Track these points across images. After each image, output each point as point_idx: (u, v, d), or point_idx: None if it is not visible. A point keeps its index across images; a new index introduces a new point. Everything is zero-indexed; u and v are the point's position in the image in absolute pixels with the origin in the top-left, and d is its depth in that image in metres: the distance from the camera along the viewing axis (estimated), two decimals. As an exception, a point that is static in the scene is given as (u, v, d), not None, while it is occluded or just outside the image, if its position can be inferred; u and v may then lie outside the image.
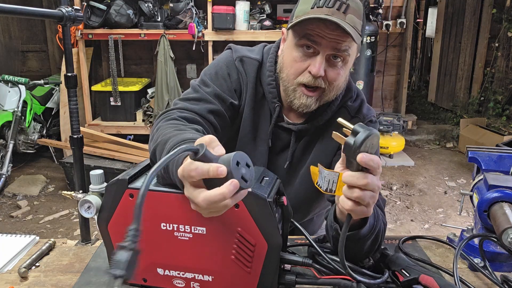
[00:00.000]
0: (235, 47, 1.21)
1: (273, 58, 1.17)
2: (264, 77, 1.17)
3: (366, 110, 1.19)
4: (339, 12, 0.97)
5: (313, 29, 0.99)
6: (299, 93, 1.06)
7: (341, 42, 0.99)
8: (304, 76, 1.04)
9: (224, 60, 1.19)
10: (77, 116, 1.51)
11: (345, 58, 1.03)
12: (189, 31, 4.12)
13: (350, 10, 0.98)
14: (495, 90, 5.37)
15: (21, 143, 4.15)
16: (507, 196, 0.99)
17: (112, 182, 0.86)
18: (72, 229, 3.23)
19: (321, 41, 1.00)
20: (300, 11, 1.02)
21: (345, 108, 1.17)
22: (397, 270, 0.91)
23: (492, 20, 5.35)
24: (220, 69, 1.17)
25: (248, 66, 1.17)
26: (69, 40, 1.41)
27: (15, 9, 1.17)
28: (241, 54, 1.18)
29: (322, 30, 0.98)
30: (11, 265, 1.03)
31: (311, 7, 0.99)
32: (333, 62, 1.03)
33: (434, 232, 3.23)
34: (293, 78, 1.06)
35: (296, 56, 1.04)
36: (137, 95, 4.56)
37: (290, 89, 1.08)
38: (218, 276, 0.85)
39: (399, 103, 5.38)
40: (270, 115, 1.18)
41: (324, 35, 0.99)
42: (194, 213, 0.82)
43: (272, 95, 1.15)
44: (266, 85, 1.16)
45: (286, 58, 1.08)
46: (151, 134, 0.99)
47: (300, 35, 1.02)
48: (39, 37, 5.40)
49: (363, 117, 1.17)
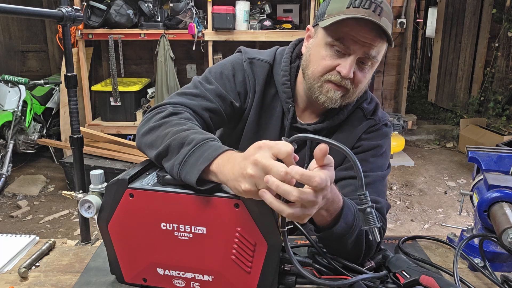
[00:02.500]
0: (245, 50, 1.20)
1: (288, 58, 1.16)
2: (277, 77, 1.15)
3: (381, 113, 1.19)
4: (374, 14, 0.96)
5: (348, 32, 0.98)
6: (327, 88, 1.05)
7: (372, 47, 0.99)
8: (332, 74, 1.03)
9: (232, 61, 1.18)
10: (77, 116, 1.51)
11: (374, 63, 1.04)
12: (189, 31, 4.12)
13: (384, 13, 0.98)
14: (495, 90, 5.37)
15: (21, 143, 4.15)
16: (507, 196, 0.99)
17: (112, 182, 0.86)
18: (72, 229, 3.23)
19: (354, 45, 0.99)
20: (334, 9, 1.00)
21: (361, 110, 1.17)
22: (398, 272, 0.91)
23: (492, 20, 5.35)
24: (226, 69, 1.16)
25: (257, 68, 1.16)
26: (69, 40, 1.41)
27: (15, 9, 1.17)
28: (250, 56, 1.17)
29: (357, 33, 0.97)
30: (11, 265, 1.03)
31: (346, 7, 0.98)
32: (362, 66, 1.03)
33: (434, 232, 3.23)
34: (319, 75, 1.05)
35: (325, 54, 1.03)
36: (137, 95, 4.56)
37: (316, 86, 1.06)
38: (218, 276, 0.85)
39: (399, 103, 5.38)
40: (282, 115, 1.17)
41: (358, 39, 0.98)
42: (194, 213, 0.82)
43: (286, 95, 1.14)
44: (280, 85, 1.15)
45: (313, 55, 1.06)
46: (144, 127, 0.98)
47: (333, 35, 1.00)
48: (39, 37, 5.40)
49: (378, 119, 1.17)
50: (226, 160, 0.79)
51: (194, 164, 0.82)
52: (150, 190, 0.84)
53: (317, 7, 4.18)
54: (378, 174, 1.11)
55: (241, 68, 1.16)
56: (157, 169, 0.92)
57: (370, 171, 1.10)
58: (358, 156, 1.13)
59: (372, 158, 1.13)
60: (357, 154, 1.13)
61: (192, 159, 0.83)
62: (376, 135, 1.16)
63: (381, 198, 1.08)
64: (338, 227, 0.88)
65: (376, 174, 1.11)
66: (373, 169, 1.11)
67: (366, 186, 1.08)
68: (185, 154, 0.84)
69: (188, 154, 0.84)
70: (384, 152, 1.15)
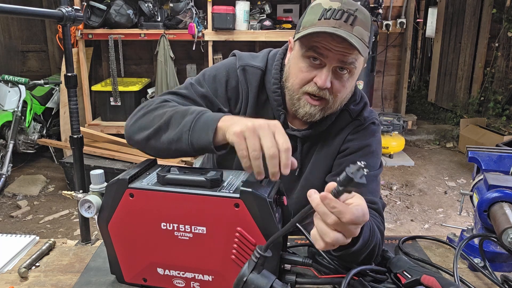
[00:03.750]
0: (240, 54, 1.20)
1: (278, 65, 1.16)
2: (268, 84, 1.16)
3: (368, 113, 1.18)
4: (346, 24, 0.97)
5: (320, 41, 0.98)
6: (304, 102, 1.06)
7: (347, 55, 0.99)
8: (309, 86, 1.04)
9: (226, 66, 1.18)
10: (77, 116, 1.51)
11: (352, 71, 1.03)
12: (189, 31, 4.12)
13: (357, 22, 0.98)
14: (495, 90, 5.37)
15: (21, 143, 4.15)
16: (507, 196, 0.99)
17: (113, 182, 0.86)
18: (72, 229, 3.23)
19: (328, 54, 0.99)
20: (308, 21, 1.01)
21: (347, 111, 1.16)
22: (399, 272, 0.91)
23: (492, 20, 5.35)
24: (220, 74, 1.16)
25: (250, 75, 1.16)
26: (69, 40, 1.41)
27: (15, 9, 1.17)
28: (244, 63, 1.17)
29: (329, 42, 0.98)
30: (11, 265, 1.03)
31: (318, 19, 0.99)
32: (340, 74, 1.03)
33: (434, 232, 3.24)
34: (298, 87, 1.06)
35: (302, 66, 1.04)
36: (137, 95, 4.56)
37: (295, 97, 1.07)
38: (218, 276, 0.85)
39: (399, 103, 5.38)
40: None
41: (331, 48, 0.98)
42: (194, 213, 0.82)
43: (277, 102, 1.15)
44: (271, 93, 1.15)
45: (292, 68, 1.08)
46: (135, 115, 1.02)
47: (306, 47, 1.01)
48: (39, 37, 5.40)
49: (364, 119, 1.17)
50: (233, 118, 0.86)
51: (203, 126, 0.86)
52: (150, 190, 0.84)
53: (317, 7, 4.17)
54: (370, 174, 1.09)
55: (234, 74, 1.16)
56: (157, 169, 0.92)
57: None
58: (347, 159, 1.13)
59: (362, 159, 1.11)
60: (345, 157, 1.14)
61: (200, 123, 0.87)
62: (363, 134, 1.15)
63: (376, 198, 1.08)
64: (357, 246, 0.86)
65: (368, 175, 1.09)
66: None
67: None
68: (192, 121, 0.88)
69: (195, 120, 0.88)
70: (374, 151, 1.15)
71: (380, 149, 1.19)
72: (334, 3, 0.99)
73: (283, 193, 0.88)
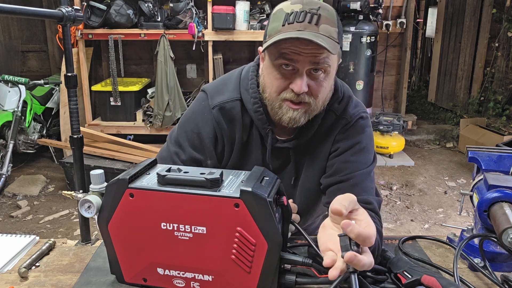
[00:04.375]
0: (210, 91, 1.16)
1: (254, 83, 1.12)
2: (249, 105, 1.12)
3: (353, 108, 1.15)
4: (311, 25, 0.95)
5: (288, 47, 0.96)
6: (286, 108, 1.03)
7: (318, 55, 0.96)
8: (287, 92, 1.02)
9: (196, 112, 1.16)
10: (77, 116, 1.51)
11: (326, 70, 1.00)
12: (189, 31, 4.12)
13: (322, 20, 0.96)
14: (495, 90, 5.37)
15: (21, 143, 4.15)
16: (507, 196, 0.99)
17: (113, 182, 0.86)
18: (72, 229, 3.23)
19: (298, 58, 0.97)
20: (272, 29, 0.99)
21: (332, 111, 1.13)
22: (399, 272, 0.91)
23: (492, 20, 5.35)
24: (192, 127, 1.14)
25: (229, 112, 1.13)
26: (69, 40, 1.42)
27: (15, 9, 1.17)
28: (218, 102, 1.13)
29: (297, 47, 0.95)
30: (11, 265, 1.03)
31: (282, 25, 0.97)
32: (315, 76, 1.00)
33: (434, 232, 3.24)
34: (276, 95, 1.03)
35: (275, 75, 1.01)
36: (137, 95, 4.56)
37: (276, 106, 1.05)
38: (218, 276, 0.85)
39: (399, 103, 5.38)
40: (260, 139, 1.15)
41: (299, 52, 0.96)
42: (194, 213, 0.82)
43: (261, 122, 1.12)
44: (253, 113, 1.12)
45: (266, 78, 1.05)
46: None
47: (276, 55, 0.99)
48: (39, 37, 5.40)
49: (350, 117, 1.14)
50: None
51: None
52: (150, 190, 0.84)
53: (317, 7, 4.17)
54: (362, 172, 1.10)
55: (207, 118, 1.14)
56: (157, 169, 0.92)
57: (354, 171, 1.09)
58: (338, 159, 1.12)
59: (353, 157, 1.11)
60: (336, 157, 1.12)
61: None
62: (351, 132, 1.13)
63: (371, 197, 1.07)
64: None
65: (361, 172, 1.09)
66: (357, 167, 1.09)
67: (353, 187, 1.08)
68: None
69: None
70: (365, 147, 1.13)
71: (372, 144, 1.16)
72: (295, 5, 0.97)
73: (283, 193, 0.88)
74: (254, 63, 1.17)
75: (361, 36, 4.49)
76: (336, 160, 1.12)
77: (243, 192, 0.79)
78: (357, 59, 4.57)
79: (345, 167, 1.10)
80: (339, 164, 1.11)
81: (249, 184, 0.81)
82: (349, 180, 1.08)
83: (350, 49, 4.54)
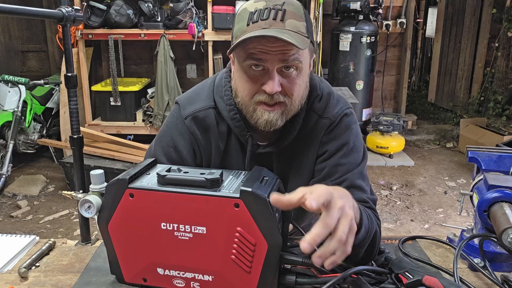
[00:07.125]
0: (182, 102, 1.13)
1: (228, 89, 1.09)
2: (225, 113, 1.09)
3: (335, 106, 1.10)
4: (276, 22, 0.92)
5: (255, 47, 0.93)
6: (260, 111, 0.99)
7: (287, 52, 0.93)
8: (260, 95, 0.98)
9: (171, 124, 1.13)
10: (77, 116, 1.51)
11: (298, 66, 0.97)
12: (189, 31, 4.12)
13: (288, 15, 0.93)
14: (495, 90, 5.36)
15: (21, 143, 4.15)
16: (507, 196, 0.99)
17: (113, 182, 0.86)
18: (72, 229, 3.23)
19: (267, 57, 0.93)
20: (238, 30, 0.96)
21: (313, 111, 1.10)
22: (401, 273, 0.91)
23: (492, 20, 5.35)
24: (169, 139, 1.12)
25: (204, 121, 1.10)
26: (69, 40, 1.42)
27: (15, 9, 1.17)
28: (190, 111, 1.10)
29: (264, 45, 0.92)
30: (11, 265, 1.03)
31: (247, 24, 0.94)
32: (287, 73, 0.96)
33: (434, 232, 3.24)
34: (249, 98, 1.00)
35: (246, 77, 0.98)
36: (137, 95, 4.56)
37: (250, 110, 1.01)
38: (218, 276, 0.85)
39: (399, 103, 5.38)
40: (240, 146, 1.12)
41: (267, 51, 0.92)
42: (194, 213, 0.82)
43: (239, 129, 1.08)
44: (231, 121, 1.08)
45: (238, 82, 1.02)
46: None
47: (243, 56, 0.96)
48: (39, 37, 5.40)
49: (333, 116, 1.09)
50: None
51: None
52: (150, 190, 0.84)
53: (317, 7, 4.18)
54: (354, 172, 1.07)
55: (181, 130, 1.11)
56: (157, 169, 0.92)
57: (346, 173, 1.06)
58: (328, 162, 1.09)
59: (344, 159, 1.08)
60: (326, 161, 1.09)
61: None
62: (337, 132, 1.09)
63: (365, 195, 1.06)
64: (360, 235, 0.86)
65: (353, 173, 1.07)
66: (348, 169, 1.07)
67: (346, 189, 1.08)
68: None
69: None
70: (353, 147, 1.09)
71: (360, 140, 1.12)
72: (258, 3, 0.95)
73: (283, 193, 0.88)
74: (227, 69, 1.13)
75: (361, 36, 4.49)
76: (326, 164, 1.09)
77: (243, 192, 0.79)
78: (357, 59, 4.57)
79: (336, 171, 1.07)
80: (330, 168, 1.08)
81: (249, 184, 0.81)
82: (342, 183, 1.05)
83: (350, 49, 4.54)
